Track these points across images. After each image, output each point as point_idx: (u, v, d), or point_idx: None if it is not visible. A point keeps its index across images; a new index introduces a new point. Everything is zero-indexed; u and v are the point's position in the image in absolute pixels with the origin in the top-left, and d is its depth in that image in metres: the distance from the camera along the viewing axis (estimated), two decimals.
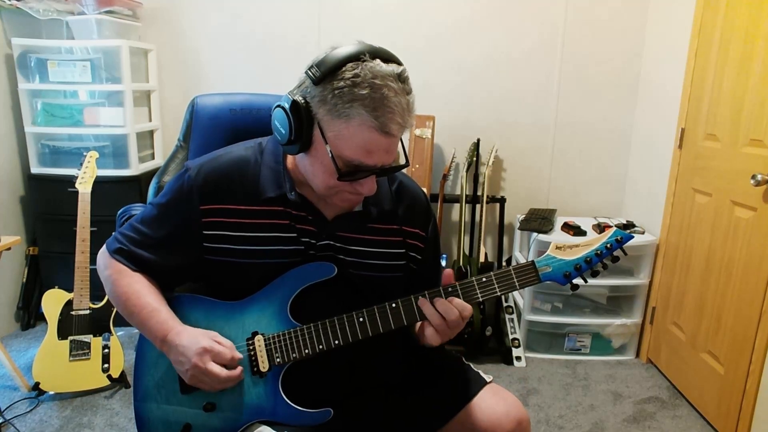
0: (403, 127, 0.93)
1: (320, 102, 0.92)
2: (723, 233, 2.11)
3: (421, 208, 1.18)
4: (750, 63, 1.98)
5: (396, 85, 0.91)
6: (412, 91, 0.95)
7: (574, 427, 2.15)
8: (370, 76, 0.89)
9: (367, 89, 0.89)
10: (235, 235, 1.06)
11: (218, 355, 0.99)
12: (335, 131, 0.92)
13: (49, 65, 2.65)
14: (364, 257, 1.10)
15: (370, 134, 0.91)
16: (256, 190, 1.06)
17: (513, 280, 1.03)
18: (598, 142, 2.99)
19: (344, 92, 0.90)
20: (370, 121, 0.90)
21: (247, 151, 1.10)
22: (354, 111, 0.90)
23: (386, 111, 0.90)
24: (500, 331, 2.75)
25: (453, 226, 3.10)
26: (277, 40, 2.93)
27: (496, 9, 2.86)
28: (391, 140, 0.94)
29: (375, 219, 1.11)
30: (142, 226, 1.09)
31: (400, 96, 0.91)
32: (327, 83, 0.91)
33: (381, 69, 0.91)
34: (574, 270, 1.04)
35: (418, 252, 1.17)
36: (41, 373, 2.17)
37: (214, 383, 1.00)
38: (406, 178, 1.20)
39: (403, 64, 0.96)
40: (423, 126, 2.77)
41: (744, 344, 1.95)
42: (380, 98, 0.89)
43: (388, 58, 0.94)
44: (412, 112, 0.95)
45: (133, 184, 2.75)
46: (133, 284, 1.07)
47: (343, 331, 1.04)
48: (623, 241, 1.04)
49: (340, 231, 1.09)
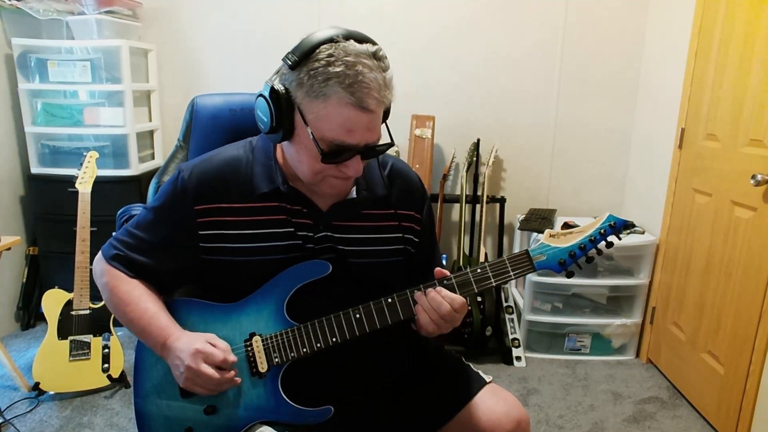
0: (380, 102, 0.94)
1: (297, 85, 0.93)
2: (723, 233, 2.11)
3: (415, 190, 1.18)
4: (750, 63, 1.98)
5: (371, 62, 0.92)
6: (389, 68, 0.95)
7: (574, 427, 2.14)
8: (343, 55, 0.90)
9: (341, 66, 0.90)
10: (232, 233, 1.06)
11: (210, 357, 0.98)
12: (314, 113, 0.93)
13: (49, 65, 2.65)
14: (362, 244, 1.10)
15: (348, 111, 0.91)
16: (250, 188, 1.06)
17: (507, 270, 1.03)
18: (598, 142, 2.99)
19: (319, 72, 0.90)
20: (347, 98, 0.90)
21: (239, 150, 1.10)
22: (330, 89, 0.90)
23: (362, 86, 0.90)
24: (500, 331, 2.75)
25: (453, 226, 3.10)
26: (277, 40, 2.93)
27: (496, 9, 2.86)
28: (371, 116, 0.94)
29: (370, 205, 1.11)
30: (138, 231, 1.08)
31: (375, 72, 0.92)
32: (303, 66, 0.92)
33: (355, 47, 0.92)
34: (568, 257, 1.04)
35: (415, 234, 1.17)
36: (41, 373, 2.17)
37: (208, 385, 0.99)
38: (398, 161, 1.20)
39: (378, 44, 0.96)
40: (423, 126, 2.77)
41: (744, 344, 1.95)
42: (355, 74, 0.90)
43: (362, 39, 0.94)
44: (390, 88, 0.95)
45: (133, 184, 2.75)
46: (131, 291, 1.07)
47: (340, 329, 1.04)
48: (617, 226, 1.04)
49: (336, 221, 1.09)
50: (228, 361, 1.00)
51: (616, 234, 1.05)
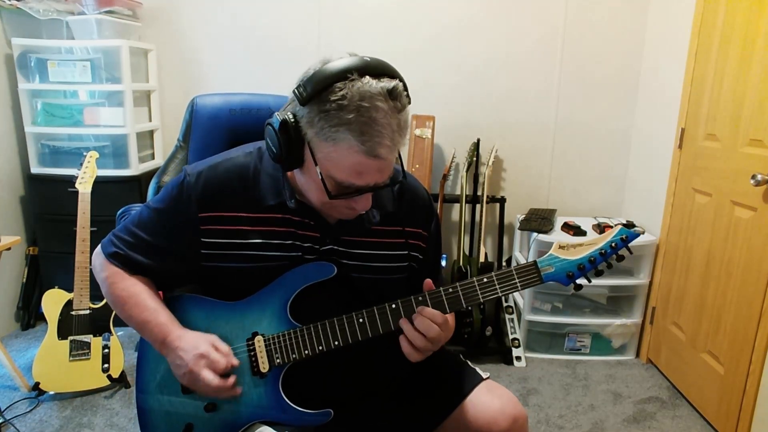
0: (392, 148, 0.90)
1: (308, 123, 0.90)
2: (723, 233, 2.11)
3: (423, 206, 1.17)
4: (750, 63, 1.98)
5: (385, 105, 0.87)
6: (405, 107, 0.91)
7: (574, 427, 2.14)
8: (357, 98, 0.86)
9: (353, 113, 0.86)
10: (235, 242, 1.05)
11: (213, 363, 0.98)
12: (324, 153, 0.90)
13: (49, 65, 2.65)
14: (367, 260, 1.10)
15: (358, 158, 0.88)
16: (257, 198, 1.05)
17: (515, 281, 1.01)
18: (598, 142, 2.99)
19: (330, 115, 0.87)
20: (357, 146, 0.87)
21: (247, 158, 1.08)
22: (340, 135, 0.87)
23: (374, 135, 0.87)
24: (500, 331, 2.75)
25: (453, 226, 3.10)
26: (277, 40, 2.93)
27: (496, 9, 2.86)
28: (381, 162, 0.91)
29: (378, 222, 1.10)
30: (138, 231, 1.08)
31: (389, 117, 0.88)
32: (314, 104, 0.88)
33: (369, 88, 0.87)
34: (577, 270, 1.01)
35: (421, 251, 1.16)
36: (41, 373, 2.17)
37: (207, 390, 1.00)
38: (409, 176, 1.18)
39: (397, 75, 0.91)
40: (423, 126, 2.77)
41: (744, 344, 1.95)
42: (367, 122, 0.86)
43: (380, 73, 0.89)
44: (404, 130, 0.92)
45: (133, 184, 2.75)
46: (130, 287, 1.07)
47: (343, 332, 1.04)
48: (628, 240, 1.01)
49: (344, 235, 1.08)
50: (229, 367, 1.00)
51: (627, 247, 1.02)
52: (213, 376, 0.98)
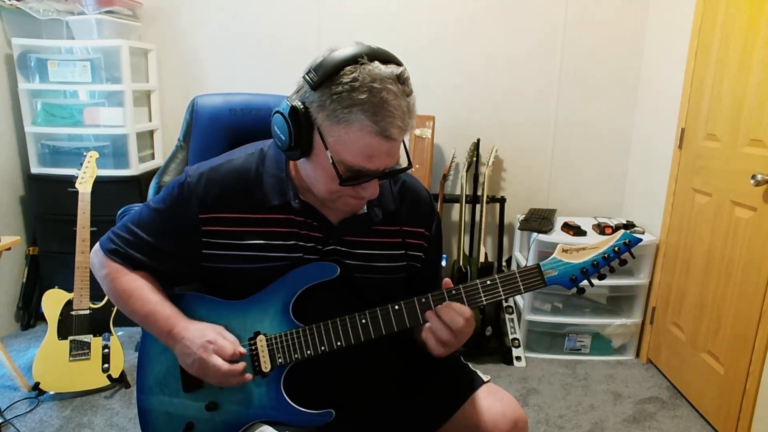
0: (403, 130, 0.92)
1: (319, 107, 0.91)
2: (723, 233, 2.11)
3: (424, 207, 1.17)
4: (750, 63, 1.98)
5: (395, 88, 0.89)
6: (412, 92, 0.93)
7: (574, 427, 2.15)
8: (368, 80, 0.88)
9: (365, 93, 0.87)
10: (236, 243, 1.05)
11: (221, 349, 0.99)
12: (335, 137, 0.91)
13: (49, 65, 2.65)
14: (368, 260, 1.10)
15: (370, 139, 0.89)
16: (260, 199, 1.05)
17: (518, 284, 1.01)
18: (598, 142, 2.99)
19: (343, 97, 0.88)
20: (370, 126, 0.88)
21: (249, 159, 1.08)
22: (353, 116, 0.88)
23: (386, 115, 0.88)
24: (500, 331, 2.75)
25: (453, 226, 3.10)
26: (277, 40, 2.93)
27: (496, 9, 2.86)
28: (392, 144, 0.92)
29: (380, 221, 1.10)
30: (138, 230, 1.07)
31: (399, 98, 0.90)
32: (325, 88, 0.89)
33: (380, 71, 0.89)
34: (580, 273, 1.02)
35: (422, 251, 1.16)
36: (41, 373, 2.17)
37: (217, 376, 0.99)
38: (410, 177, 1.18)
39: (402, 64, 0.94)
40: (423, 126, 2.77)
41: (744, 344, 1.95)
42: (379, 102, 0.88)
43: (387, 59, 0.91)
44: (413, 113, 0.93)
45: (133, 184, 2.75)
46: (132, 281, 1.07)
47: (345, 333, 1.03)
48: (631, 244, 1.02)
49: (347, 235, 1.08)
50: (236, 354, 1.00)
51: (630, 251, 1.02)
52: (222, 361, 0.98)
